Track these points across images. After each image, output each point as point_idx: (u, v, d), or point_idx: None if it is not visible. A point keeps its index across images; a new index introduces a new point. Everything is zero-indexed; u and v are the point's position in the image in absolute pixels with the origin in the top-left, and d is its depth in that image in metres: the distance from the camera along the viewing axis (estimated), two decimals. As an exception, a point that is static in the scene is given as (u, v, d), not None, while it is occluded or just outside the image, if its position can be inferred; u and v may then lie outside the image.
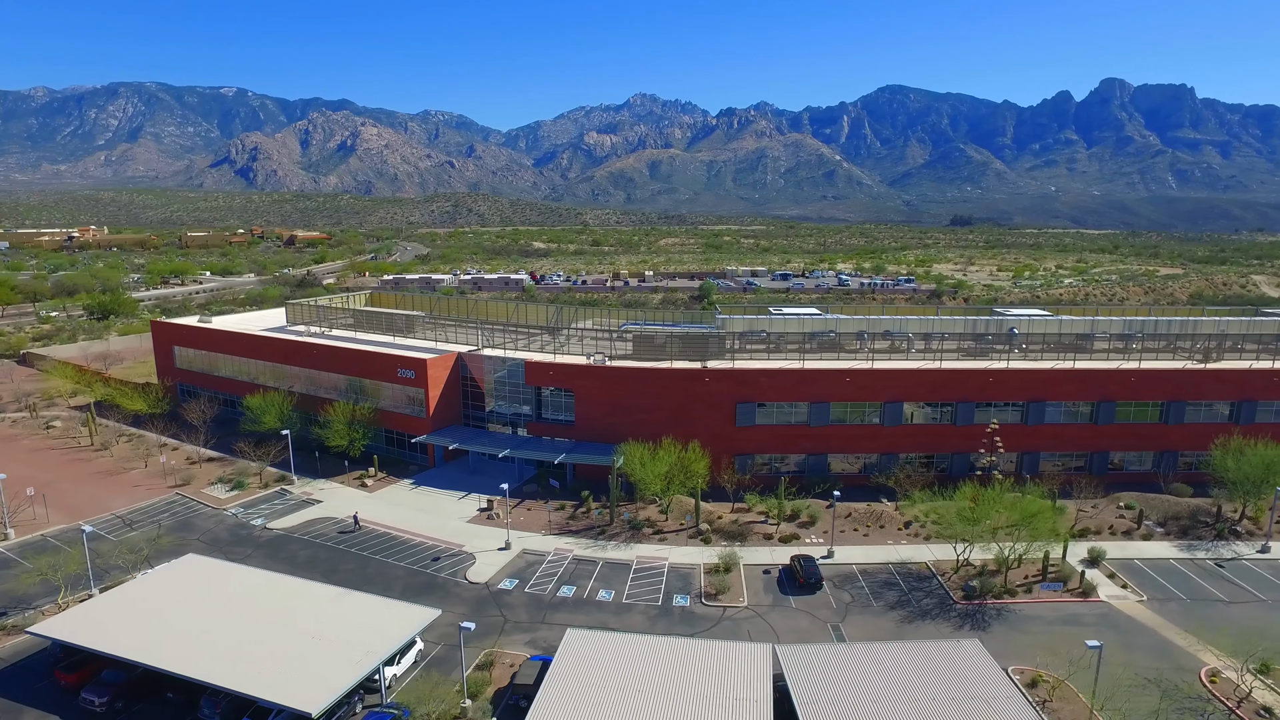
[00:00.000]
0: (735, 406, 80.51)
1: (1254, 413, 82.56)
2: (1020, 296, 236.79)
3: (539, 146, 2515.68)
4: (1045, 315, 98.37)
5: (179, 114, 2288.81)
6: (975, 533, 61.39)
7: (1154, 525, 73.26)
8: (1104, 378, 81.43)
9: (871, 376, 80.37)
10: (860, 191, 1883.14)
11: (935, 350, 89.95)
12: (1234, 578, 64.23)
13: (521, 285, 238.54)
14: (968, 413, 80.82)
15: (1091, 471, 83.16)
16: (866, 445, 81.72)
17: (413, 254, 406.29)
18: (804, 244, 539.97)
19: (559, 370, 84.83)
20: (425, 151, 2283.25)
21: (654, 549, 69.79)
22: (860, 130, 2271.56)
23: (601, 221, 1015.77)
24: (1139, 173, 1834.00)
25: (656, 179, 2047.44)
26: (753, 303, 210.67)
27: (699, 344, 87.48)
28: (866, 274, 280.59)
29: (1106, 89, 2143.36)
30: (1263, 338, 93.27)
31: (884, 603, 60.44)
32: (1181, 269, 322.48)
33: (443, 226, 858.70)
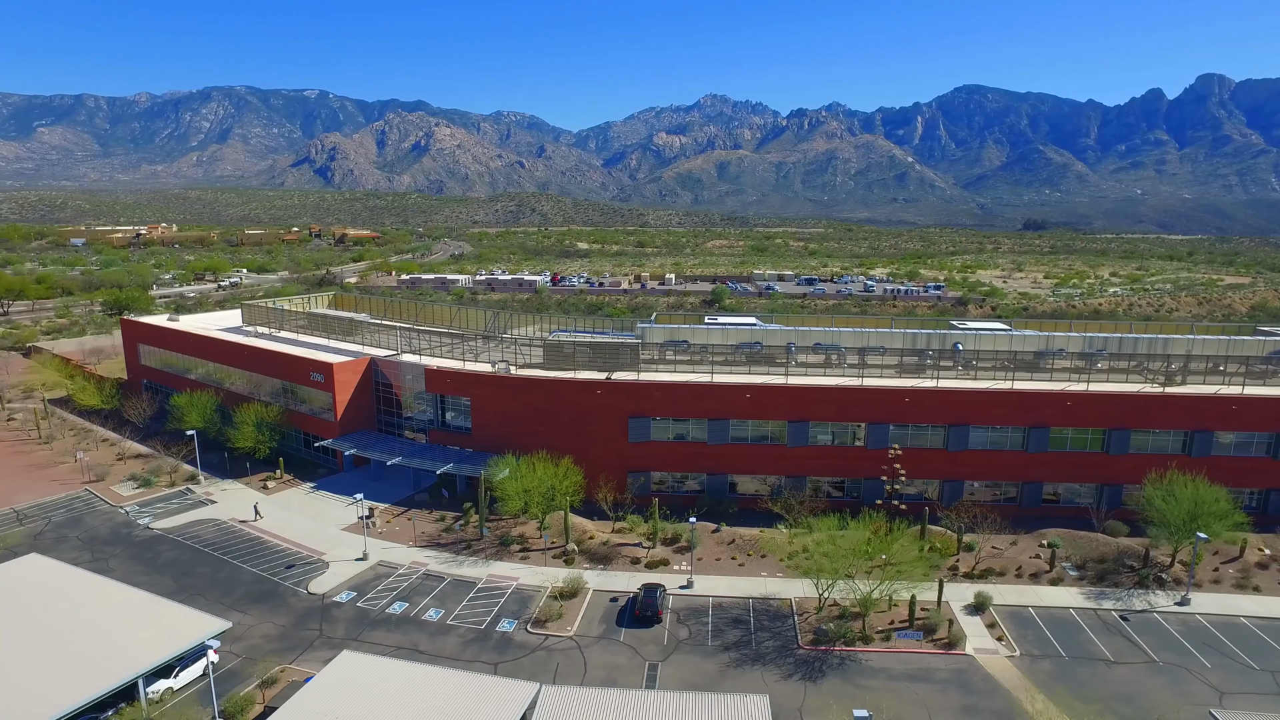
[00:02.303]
0: (628, 421, 76.14)
1: (1209, 444, 73.87)
2: (1053, 306, 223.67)
3: (608, 147, 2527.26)
4: (1003, 330, 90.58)
5: (265, 116, 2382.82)
6: (829, 569, 55.83)
7: (1070, 568, 65.96)
8: (1036, 401, 73.98)
9: (773, 393, 74.88)
10: (932, 194, 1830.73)
11: (870, 365, 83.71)
12: (1134, 633, 56.92)
13: (535, 287, 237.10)
14: (881, 435, 74.53)
15: (1022, 504, 75.96)
16: (770, 466, 76.24)
17: (450, 253, 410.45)
18: (856, 248, 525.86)
19: (456, 378, 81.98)
20: (496, 151, 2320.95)
21: (510, 568, 66.28)
22: (934, 131, 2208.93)
23: (663, 223, 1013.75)
24: (1237, 174, 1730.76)
25: (724, 180, 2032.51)
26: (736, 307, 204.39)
27: (609, 354, 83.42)
28: (899, 280, 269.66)
29: (1204, 85, 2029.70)
30: (1247, 360, 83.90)
31: (721, 642, 55.48)
32: (1250, 279, 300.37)
33: (505, 226, 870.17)
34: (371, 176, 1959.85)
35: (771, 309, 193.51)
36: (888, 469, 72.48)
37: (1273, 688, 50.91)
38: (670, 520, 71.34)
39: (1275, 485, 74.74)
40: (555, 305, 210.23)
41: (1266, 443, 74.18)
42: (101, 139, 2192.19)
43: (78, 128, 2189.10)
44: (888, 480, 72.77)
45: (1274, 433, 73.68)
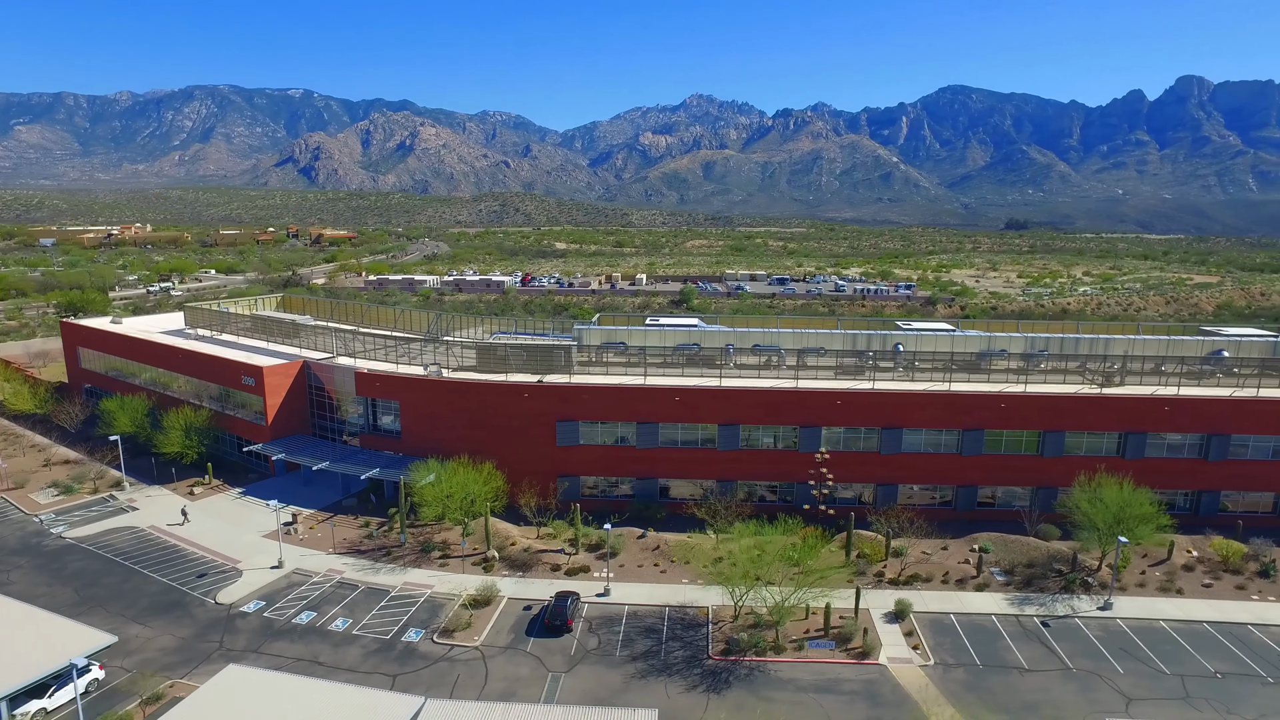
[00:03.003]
0: (556, 425, 74.67)
1: (1142, 446, 73.08)
2: (1021, 306, 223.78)
3: (594, 147, 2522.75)
4: (945, 331, 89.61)
5: (248, 115, 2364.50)
6: (737, 577, 54.51)
7: (998, 573, 64.97)
8: (969, 403, 72.97)
9: (703, 396, 73.56)
10: (917, 194, 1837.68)
11: (809, 367, 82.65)
12: (1052, 640, 55.91)
13: (503, 288, 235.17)
14: (813, 438, 73.34)
15: (957, 507, 74.99)
16: (702, 470, 74.92)
17: (425, 254, 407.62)
18: (835, 247, 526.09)
19: (385, 381, 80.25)
20: (482, 151, 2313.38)
21: (427, 575, 64.67)
22: (919, 131, 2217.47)
23: (648, 222, 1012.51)
24: (1216, 175, 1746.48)
25: (710, 180, 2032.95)
26: (704, 307, 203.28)
27: (543, 356, 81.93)
28: (871, 280, 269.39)
29: (1183, 87, 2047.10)
30: (1181, 361, 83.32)
31: (630, 652, 54.07)
32: (1218, 279, 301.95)
33: (489, 226, 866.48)
34: (356, 176, 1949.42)
35: (737, 309, 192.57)
36: (814, 473, 71.26)
37: (1180, 693, 50.01)
38: (598, 525, 69.93)
39: (1207, 487, 74.05)
40: (520, 306, 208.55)
41: (1198, 444, 73.47)
42: (81, 138, 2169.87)
43: (57, 126, 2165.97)
44: (815, 485, 71.57)
45: (1205, 434, 72.95)
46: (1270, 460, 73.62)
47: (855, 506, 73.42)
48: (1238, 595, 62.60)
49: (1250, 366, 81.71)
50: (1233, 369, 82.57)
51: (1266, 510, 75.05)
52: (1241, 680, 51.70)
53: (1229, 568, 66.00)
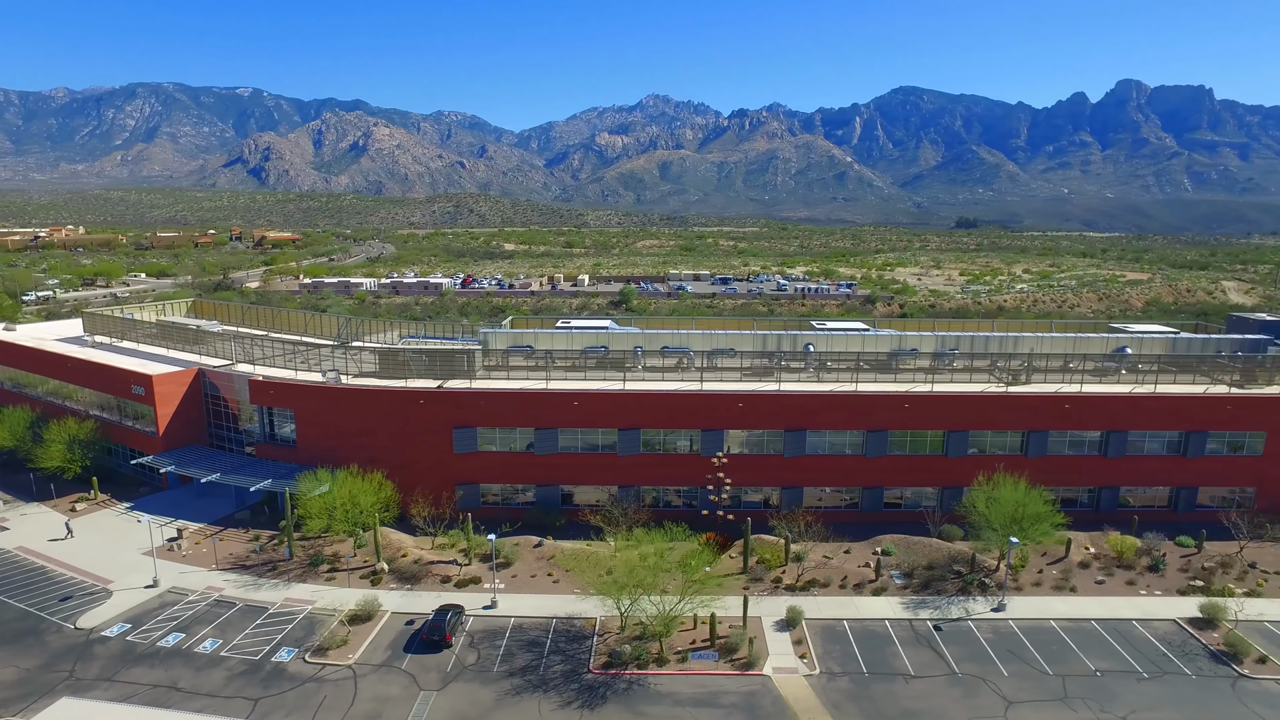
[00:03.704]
0: (452, 432, 72.39)
1: (1045, 444, 73.23)
2: (959, 304, 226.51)
3: (551, 147, 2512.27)
4: (857, 331, 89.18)
5: (195, 114, 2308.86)
6: (615, 587, 52.91)
7: (897, 576, 64.31)
8: (874, 404, 72.35)
9: (603, 400, 71.86)
10: (871, 193, 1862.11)
11: (719, 369, 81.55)
12: (943, 644, 55.27)
13: (440, 290, 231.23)
14: (715, 441, 72.10)
15: (863, 509, 74.37)
16: (603, 476, 73.24)
17: (370, 256, 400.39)
18: (786, 246, 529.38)
19: (279, 389, 77.12)
20: (437, 152, 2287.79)
21: (311, 590, 62.00)
22: (872, 132, 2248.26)
23: (603, 223, 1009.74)
24: (1154, 175, 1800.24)
25: (667, 180, 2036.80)
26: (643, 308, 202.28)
27: (446, 361, 79.49)
28: (814, 279, 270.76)
29: (1123, 90, 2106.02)
30: (1083, 358, 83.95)
31: (508, 667, 52.13)
32: (1149, 275, 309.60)
33: (442, 227, 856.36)
34: (308, 177, 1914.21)
35: (673, 310, 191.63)
36: (712, 478, 70.04)
37: (1059, 694, 49.64)
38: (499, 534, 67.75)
39: (1107, 483, 74.47)
40: (457, 308, 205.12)
41: (1099, 441, 73.83)
42: (14, 136, 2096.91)
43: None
44: (714, 490, 70.36)
45: (1105, 431, 73.33)
46: (1166, 455, 74.28)
47: (762, 510, 72.38)
48: (1127, 591, 62.79)
49: (1152, 363, 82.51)
50: (1136, 365, 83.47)
51: (1163, 504, 75.77)
52: (1119, 677, 51.55)
53: (1122, 563, 66.27)
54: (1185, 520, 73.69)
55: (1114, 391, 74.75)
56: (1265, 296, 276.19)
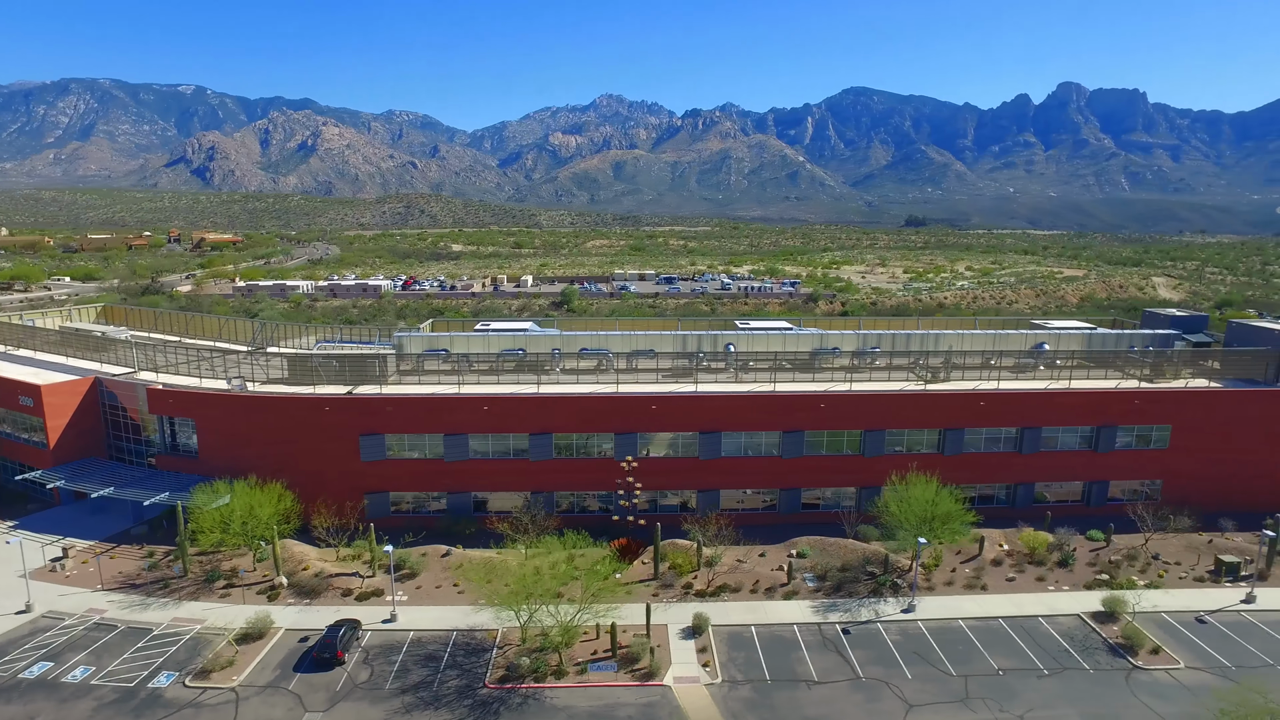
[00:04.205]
0: (359, 439, 70.01)
1: (960, 442, 73.44)
2: (900, 301, 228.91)
3: (504, 147, 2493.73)
4: (778, 330, 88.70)
5: (134, 111, 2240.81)
6: (507, 597, 51.23)
7: (810, 579, 63.71)
8: (790, 404, 71.76)
9: (514, 405, 70.16)
10: (823, 193, 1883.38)
11: (638, 370, 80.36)
12: (849, 648, 54.71)
13: (379, 292, 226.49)
14: (629, 445, 70.84)
15: (781, 510, 73.80)
16: (515, 482, 71.54)
17: (313, 257, 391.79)
18: (736, 245, 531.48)
19: (179, 398, 73.87)
20: (388, 152, 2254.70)
21: (203, 608, 59.23)
22: (824, 132, 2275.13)
23: (556, 223, 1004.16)
24: (1094, 175, 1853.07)
25: (621, 180, 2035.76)
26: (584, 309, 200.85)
27: (357, 367, 77.02)
28: (759, 276, 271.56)
29: (1064, 92, 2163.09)
30: (1000, 355, 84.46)
31: (401, 684, 50.18)
32: (1084, 272, 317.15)
33: (393, 227, 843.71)
34: (255, 178, 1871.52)
35: (613, 311, 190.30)
36: (621, 483, 68.77)
37: (961, 694, 49.39)
38: (406, 543, 65.76)
39: (1022, 479, 75.02)
40: (394, 311, 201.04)
41: (1014, 437, 74.29)
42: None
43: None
44: (624, 494, 69.12)
45: (1020, 427, 73.79)
46: (1079, 450, 75.05)
47: (679, 515, 71.30)
48: (1037, 587, 63.07)
49: (1068, 359, 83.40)
50: (1054, 361, 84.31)
51: (1077, 499, 76.59)
52: (1020, 675, 51.52)
53: (1034, 560, 66.61)
54: (1098, 514, 74.64)
55: (1028, 388, 75.33)
56: (1191, 292, 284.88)
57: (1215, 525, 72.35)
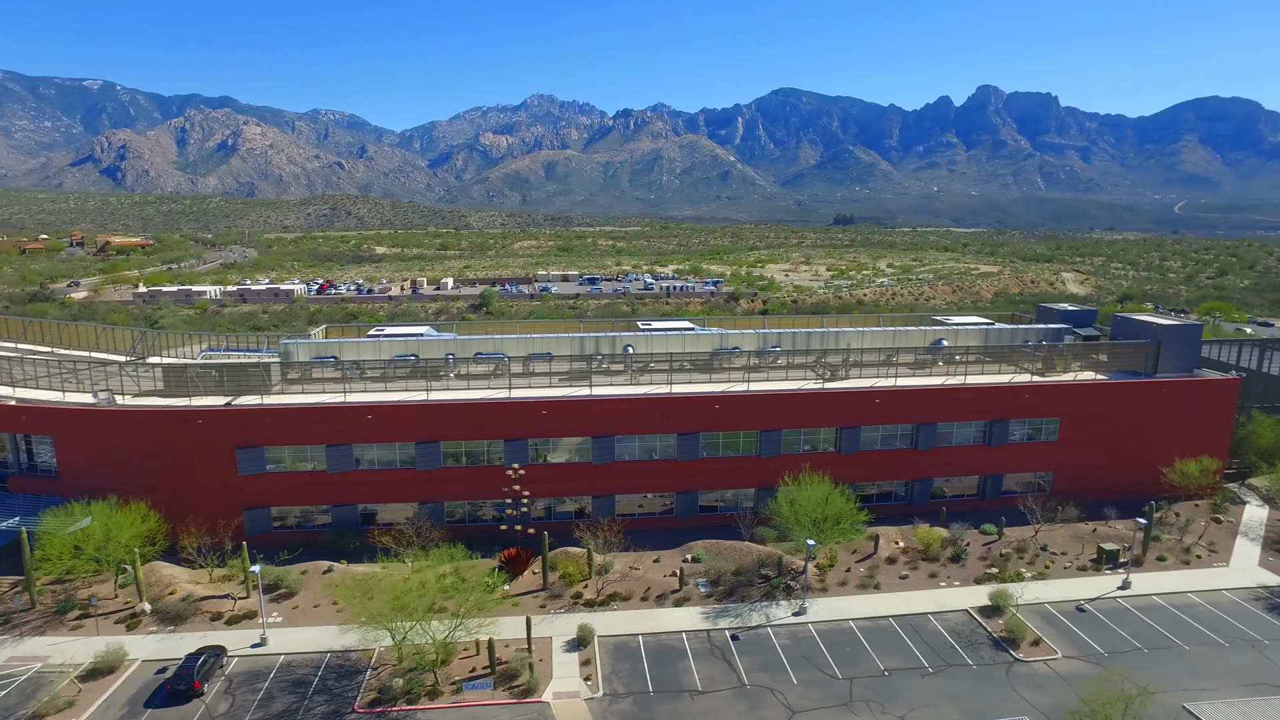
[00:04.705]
0: (236, 453, 66.34)
1: (857, 440, 73.59)
2: (820, 299, 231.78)
3: (434, 147, 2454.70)
4: (678, 331, 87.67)
5: (33, 107, 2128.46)
6: (380, 615, 48.74)
7: (703, 584, 62.71)
8: (685, 406, 70.78)
9: (400, 413, 67.53)
10: (754, 192, 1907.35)
11: (535, 374, 78.28)
12: (737, 655, 53.81)
13: (291, 296, 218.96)
14: (520, 451, 68.86)
15: (678, 514, 72.77)
16: (403, 493, 68.85)
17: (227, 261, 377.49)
18: (665, 245, 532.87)
19: (32, 414, 68.77)
20: (314, 152, 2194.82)
21: (49, 643, 54.94)
22: (754, 132, 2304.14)
23: (487, 224, 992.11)
24: (1012, 175, 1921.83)
25: (553, 180, 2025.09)
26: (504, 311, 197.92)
27: (238, 377, 73.09)
28: (683, 276, 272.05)
29: (983, 95, 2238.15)
30: (896, 352, 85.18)
31: (264, 713, 47.24)
32: (999, 268, 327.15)
33: (318, 229, 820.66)
34: (172, 178, 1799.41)
35: (531, 313, 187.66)
36: (509, 491, 66.80)
37: (845, 698, 48.94)
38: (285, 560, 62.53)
39: (919, 475, 75.63)
40: (307, 316, 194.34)
41: (909, 434, 74.79)
42: None
43: None
44: (512, 503, 67.16)
45: (915, 424, 74.32)
46: (973, 445, 76.03)
47: (574, 521, 69.51)
48: (929, 584, 63.37)
49: (966, 354, 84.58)
50: (953, 357, 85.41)
51: (973, 493, 77.61)
52: (905, 675, 51.39)
53: (928, 556, 67.04)
54: (993, 507, 75.73)
55: (922, 384, 75.95)
56: (1097, 286, 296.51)
57: (1100, 514, 74.13)
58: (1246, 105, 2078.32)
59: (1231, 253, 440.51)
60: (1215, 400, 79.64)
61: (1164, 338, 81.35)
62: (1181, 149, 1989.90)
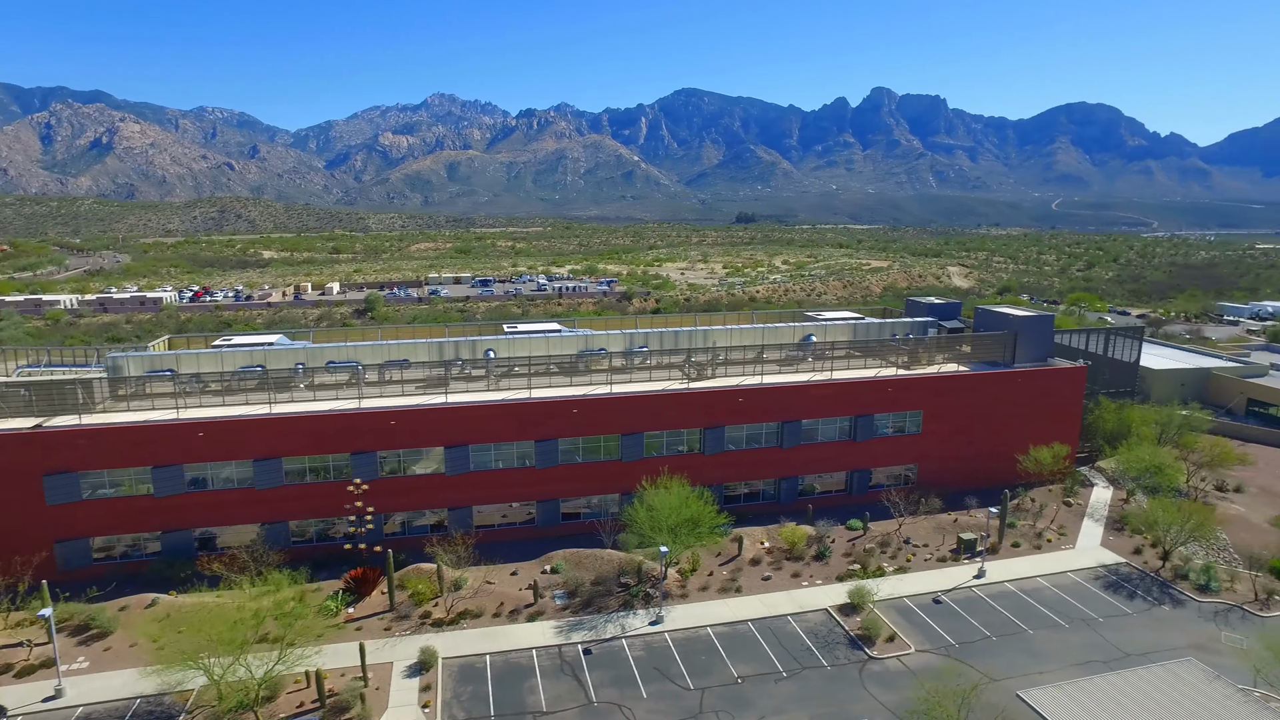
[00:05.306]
0: (43, 480, 60.06)
1: (722, 440, 72.58)
2: (713, 297, 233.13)
3: (331, 148, 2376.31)
4: (549, 333, 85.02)
5: None
6: (175, 656, 44.30)
7: (560, 596, 60.28)
8: (543, 411, 68.18)
9: (237, 428, 62.55)
10: (658, 191, 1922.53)
11: (390, 382, 74.22)
12: (588, 670, 51.57)
13: (159, 305, 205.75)
14: (369, 465, 64.87)
15: (539, 524, 70.15)
16: (240, 515, 63.88)
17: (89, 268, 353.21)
18: (566, 245, 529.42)
19: None
20: (200, 152, 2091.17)
21: None
22: (658, 132, 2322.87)
23: (386, 226, 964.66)
24: (906, 173, 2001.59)
25: (455, 181, 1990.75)
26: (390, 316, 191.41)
27: (52, 395, 66.20)
28: (578, 276, 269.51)
29: (877, 96, 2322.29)
30: (761, 349, 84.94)
31: (46, 781, 42.27)
32: (888, 263, 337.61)
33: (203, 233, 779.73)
34: (36, 178, 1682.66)
35: (414, 317, 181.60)
36: (351, 507, 62.86)
37: (695, 710, 47.33)
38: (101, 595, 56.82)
39: (786, 473, 75.26)
40: (175, 325, 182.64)
41: (775, 432, 74.30)
42: None
43: None
44: (355, 520, 63.24)
45: (780, 421, 73.86)
46: (838, 441, 76.18)
47: (429, 536, 65.97)
48: (791, 584, 62.69)
49: (836, 349, 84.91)
50: (825, 353, 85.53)
51: (841, 489, 77.82)
52: (759, 682, 50.23)
53: (793, 555, 66.48)
54: (861, 502, 76.00)
55: (786, 381, 75.54)
56: (979, 279, 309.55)
57: (963, 504, 75.42)
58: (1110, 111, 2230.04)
59: (1099, 247, 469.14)
60: (1065, 387, 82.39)
61: (1020, 329, 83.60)
62: (1056, 150, 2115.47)
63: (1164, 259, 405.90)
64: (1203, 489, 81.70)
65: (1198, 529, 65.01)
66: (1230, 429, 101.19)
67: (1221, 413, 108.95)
